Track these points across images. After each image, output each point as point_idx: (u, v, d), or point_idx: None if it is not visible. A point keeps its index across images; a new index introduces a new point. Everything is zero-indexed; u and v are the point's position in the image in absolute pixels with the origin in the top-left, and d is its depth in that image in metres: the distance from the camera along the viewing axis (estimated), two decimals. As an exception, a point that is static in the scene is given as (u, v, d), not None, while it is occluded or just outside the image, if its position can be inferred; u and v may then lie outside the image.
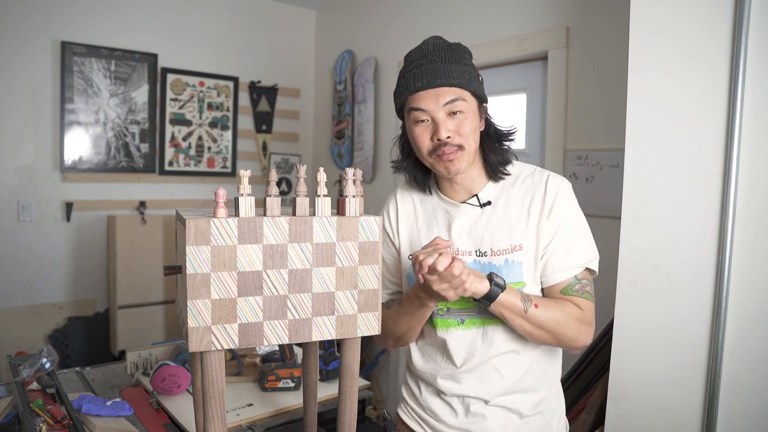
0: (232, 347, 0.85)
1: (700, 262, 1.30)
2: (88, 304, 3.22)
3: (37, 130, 2.99)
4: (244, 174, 0.84)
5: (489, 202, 1.17)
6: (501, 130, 1.20)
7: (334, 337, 0.92)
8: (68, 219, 3.09)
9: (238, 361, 1.72)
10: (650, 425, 1.39)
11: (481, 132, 1.16)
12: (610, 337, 1.51)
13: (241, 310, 0.85)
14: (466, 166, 1.13)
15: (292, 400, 1.54)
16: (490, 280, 1.05)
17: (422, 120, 1.11)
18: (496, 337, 1.14)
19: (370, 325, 0.94)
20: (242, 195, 0.85)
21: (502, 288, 1.05)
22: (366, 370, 3.25)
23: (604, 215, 1.99)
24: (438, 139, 1.09)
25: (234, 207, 0.88)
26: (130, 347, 2.08)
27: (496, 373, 1.15)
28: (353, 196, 0.92)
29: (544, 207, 1.13)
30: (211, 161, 3.55)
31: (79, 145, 3.08)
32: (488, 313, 1.12)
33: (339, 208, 0.93)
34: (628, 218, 1.43)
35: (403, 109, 1.16)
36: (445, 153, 1.10)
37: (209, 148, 3.53)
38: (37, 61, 2.95)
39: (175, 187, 3.45)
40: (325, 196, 0.90)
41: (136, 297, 3.16)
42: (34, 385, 1.55)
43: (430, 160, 1.14)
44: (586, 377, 1.83)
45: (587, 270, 1.15)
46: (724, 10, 1.25)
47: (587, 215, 1.19)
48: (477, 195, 1.18)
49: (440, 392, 1.20)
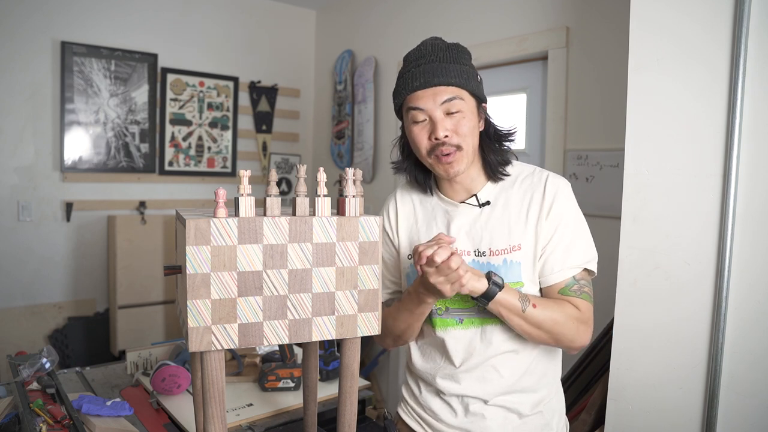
0: (232, 347, 0.85)
1: (700, 262, 1.30)
2: (88, 304, 3.22)
3: (37, 130, 2.99)
4: (244, 174, 0.84)
5: (488, 202, 1.17)
6: (501, 131, 1.19)
7: (334, 337, 0.92)
8: (68, 219, 3.09)
9: (238, 361, 1.72)
10: (650, 425, 1.39)
11: (481, 132, 1.16)
12: (610, 337, 1.51)
13: (241, 310, 0.85)
14: (466, 166, 1.13)
15: (292, 400, 1.54)
16: (489, 279, 1.05)
17: (420, 119, 1.12)
18: (495, 336, 1.14)
19: (370, 325, 0.94)
20: (242, 195, 0.85)
21: (501, 287, 1.05)
22: (366, 370, 3.25)
23: (604, 215, 1.99)
24: (435, 138, 1.09)
25: (234, 207, 0.88)
26: (130, 347, 2.08)
27: (495, 373, 1.15)
28: (353, 196, 0.92)
29: (543, 207, 1.13)
30: (211, 161, 3.55)
31: (79, 145, 3.08)
32: (487, 313, 1.12)
33: (339, 208, 0.93)
34: (628, 218, 1.43)
35: (402, 109, 1.16)
36: (444, 154, 1.10)
37: (209, 148, 3.53)
38: (37, 61, 2.95)
39: (175, 187, 3.45)
40: (325, 196, 0.90)
41: (136, 297, 3.16)
42: (34, 385, 1.55)
43: (429, 161, 1.14)
44: (586, 377, 1.83)
45: (586, 270, 1.15)
46: (724, 10, 1.25)
47: (587, 215, 1.19)
48: (476, 195, 1.18)
49: (439, 392, 1.20)
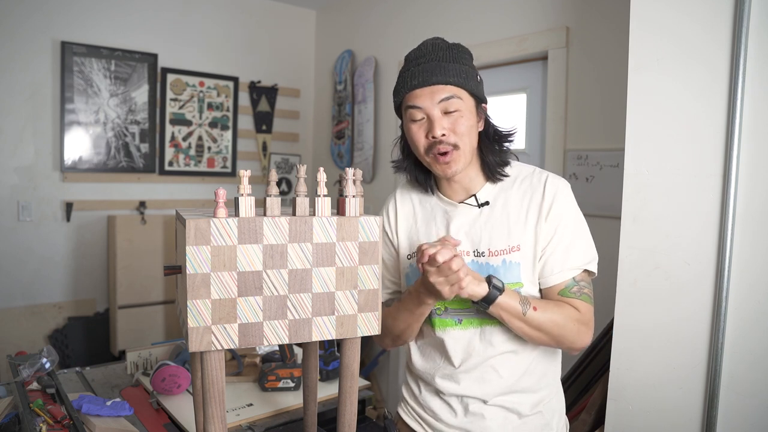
0: (232, 347, 0.85)
1: (700, 262, 1.30)
2: (88, 304, 3.22)
3: (37, 130, 2.99)
4: (244, 174, 0.84)
5: (487, 203, 1.17)
6: (500, 132, 1.19)
7: (334, 337, 0.92)
8: (68, 219, 3.09)
9: (238, 361, 1.72)
10: (650, 425, 1.39)
11: (480, 133, 1.16)
12: (610, 337, 1.51)
13: (241, 310, 0.85)
14: (463, 166, 1.13)
15: (292, 400, 1.54)
16: (489, 283, 1.04)
17: (418, 118, 1.12)
18: (494, 337, 1.14)
19: (370, 325, 0.94)
20: (242, 195, 0.85)
21: (501, 291, 1.05)
22: (366, 370, 3.25)
23: (604, 215, 1.99)
24: (433, 137, 1.09)
25: (234, 207, 0.88)
26: (130, 347, 2.08)
27: (494, 374, 1.15)
28: (353, 196, 0.92)
29: (543, 208, 1.13)
30: (211, 161, 3.55)
31: (79, 145, 3.08)
32: (486, 314, 1.12)
33: (339, 208, 0.93)
34: (628, 218, 1.43)
35: (401, 107, 1.16)
36: (440, 153, 1.10)
37: (209, 148, 3.53)
38: (37, 61, 2.95)
39: (175, 187, 3.45)
40: (325, 196, 0.90)
41: (136, 297, 3.16)
42: (34, 385, 1.55)
43: (427, 159, 1.14)
44: (586, 377, 1.83)
45: (586, 271, 1.15)
46: (724, 10, 1.25)
47: (587, 215, 1.19)
48: (475, 195, 1.18)
49: (439, 392, 1.20)
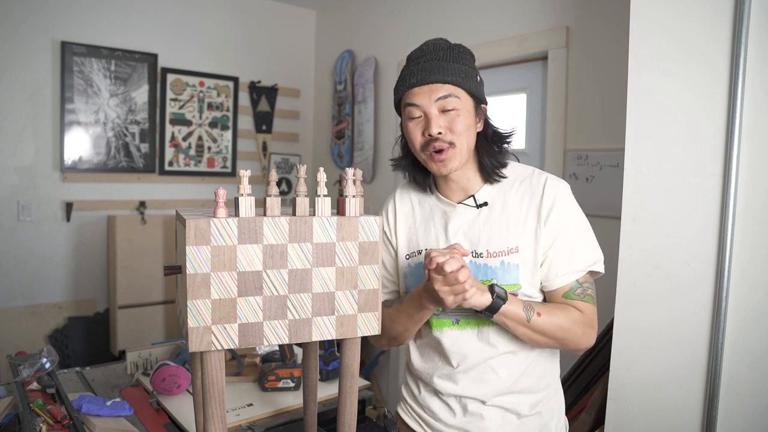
0: (232, 347, 0.85)
1: (700, 262, 1.30)
2: (88, 304, 3.22)
3: (37, 130, 2.99)
4: (244, 174, 0.84)
5: (485, 204, 1.17)
6: (499, 133, 1.19)
7: (334, 337, 0.92)
8: (68, 219, 3.09)
9: (238, 361, 1.72)
10: (650, 425, 1.39)
11: (479, 133, 1.16)
12: (610, 337, 1.51)
13: (241, 310, 0.85)
14: (459, 164, 1.12)
15: (292, 400, 1.54)
16: (492, 292, 1.04)
17: (416, 116, 1.12)
18: (492, 337, 1.14)
19: (370, 325, 0.94)
20: (242, 195, 0.85)
21: (504, 299, 1.05)
22: (366, 370, 3.25)
23: (604, 215, 1.99)
24: (429, 135, 1.10)
25: (234, 207, 0.88)
26: (130, 347, 2.08)
27: (492, 374, 1.15)
28: (353, 196, 0.92)
29: (542, 210, 1.12)
30: (211, 161, 3.55)
31: (79, 145, 3.08)
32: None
33: (339, 208, 0.93)
34: (628, 218, 1.43)
35: (401, 105, 1.17)
36: (436, 150, 1.10)
37: (209, 148, 3.53)
38: (37, 61, 2.95)
39: (175, 187, 3.45)
40: (325, 196, 0.90)
41: (136, 297, 3.16)
42: (34, 385, 1.55)
43: (423, 156, 1.14)
44: (586, 377, 1.83)
45: (589, 272, 1.15)
46: (724, 10, 1.25)
47: (587, 215, 1.19)
48: (473, 196, 1.18)
49: (438, 392, 1.20)
